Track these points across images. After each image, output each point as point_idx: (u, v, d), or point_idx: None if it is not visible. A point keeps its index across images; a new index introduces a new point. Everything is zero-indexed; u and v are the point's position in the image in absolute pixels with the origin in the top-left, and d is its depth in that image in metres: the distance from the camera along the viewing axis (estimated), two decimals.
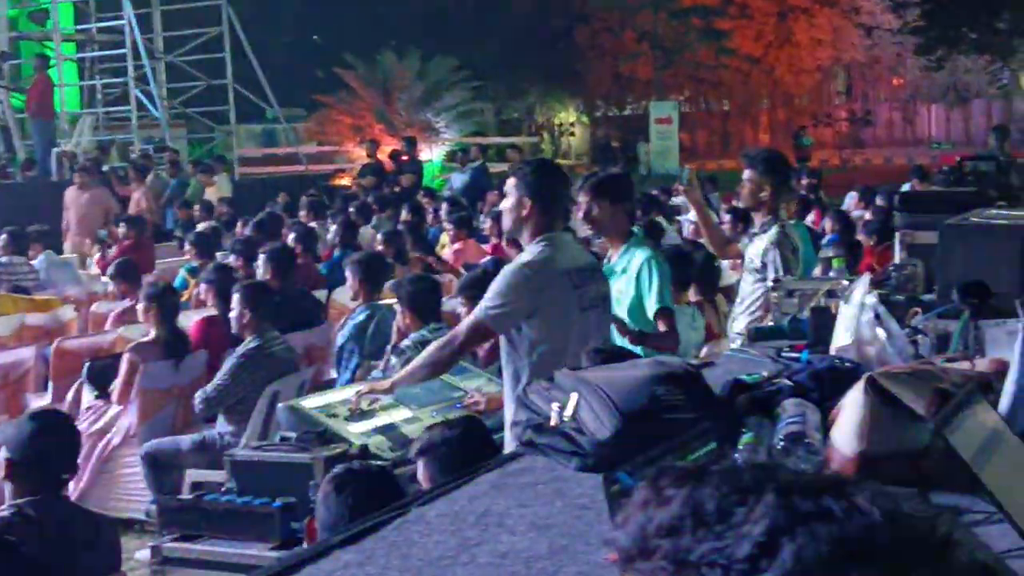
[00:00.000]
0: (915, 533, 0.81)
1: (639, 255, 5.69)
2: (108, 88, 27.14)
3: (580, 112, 45.77)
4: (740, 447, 2.56)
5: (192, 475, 6.33)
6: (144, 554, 6.80)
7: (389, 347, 6.65)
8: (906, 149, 39.01)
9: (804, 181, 16.10)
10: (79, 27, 27.59)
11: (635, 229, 6.14)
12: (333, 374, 7.69)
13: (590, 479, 2.59)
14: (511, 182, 5.05)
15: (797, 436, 2.56)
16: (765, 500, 0.82)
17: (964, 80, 38.02)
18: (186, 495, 4.98)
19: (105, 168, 19.97)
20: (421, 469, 3.69)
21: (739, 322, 6.33)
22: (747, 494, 0.83)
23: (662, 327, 5.57)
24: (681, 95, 41.83)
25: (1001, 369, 2.69)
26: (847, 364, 3.01)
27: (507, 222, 5.09)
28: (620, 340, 5.32)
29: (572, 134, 44.99)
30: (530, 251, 4.90)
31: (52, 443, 3.95)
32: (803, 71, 41.20)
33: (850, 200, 14.35)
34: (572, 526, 2.37)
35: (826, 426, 2.62)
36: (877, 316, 3.16)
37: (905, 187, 16.96)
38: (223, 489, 4.74)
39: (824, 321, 3.71)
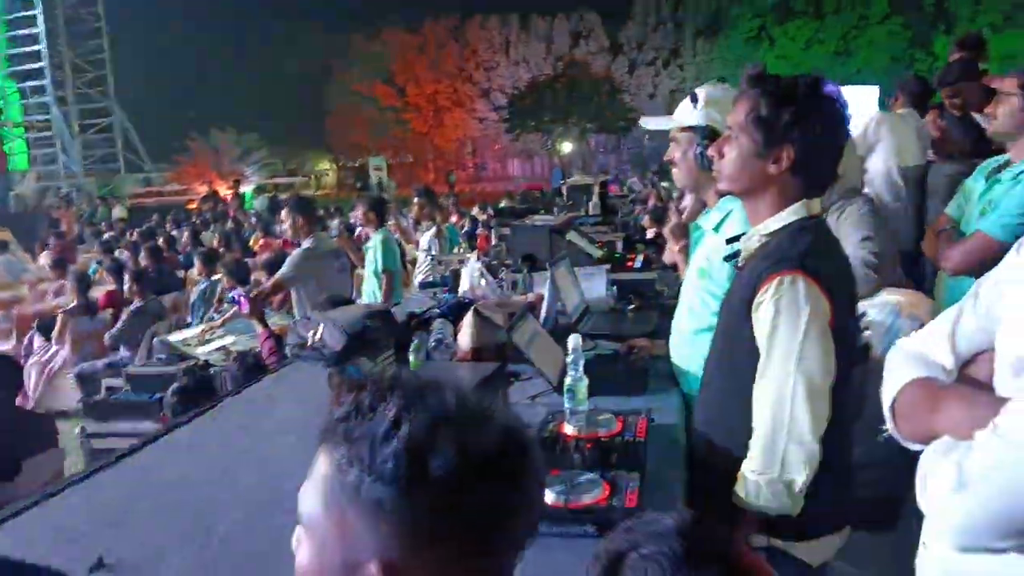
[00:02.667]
0: (472, 405, 0.81)
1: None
2: (45, 155, 24.31)
3: (331, 162, 44.38)
4: (411, 349, 2.55)
5: (105, 382, 5.80)
6: (76, 431, 6.25)
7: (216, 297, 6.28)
8: (503, 182, 40.03)
9: (451, 201, 16.27)
10: (25, 119, 24.62)
11: None
12: (189, 319, 7.16)
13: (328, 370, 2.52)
14: (285, 211, 4.85)
15: (440, 340, 2.58)
16: (395, 396, 0.80)
17: (529, 146, 39.31)
18: (101, 395, 4.50)
19: (47, 202, 17.91)
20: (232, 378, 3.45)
21: (415, 276, 6.33)
22: (386, 392, 0.81)
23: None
24: (386, 154, 41.26)
25: (540, 300, 2.79)
26: (467, 300, 3.04)
27: (289, 232, 4.87)
28: None
29: (327, 175, 43.59)
30: (306, 243, 4.74)
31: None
32: (449, 140, 41.43)
33: (476, 210, 14.45)
34: (320, 399, 2.29)
35: (455, 333, 2.65)
36: (481, 273, 3.21)
37: (502, 203, 17.43)
38: (123, 391, 4.33)
39: (455, 276, 3.75)
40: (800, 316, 1.41)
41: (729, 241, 1.72)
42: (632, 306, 3.02)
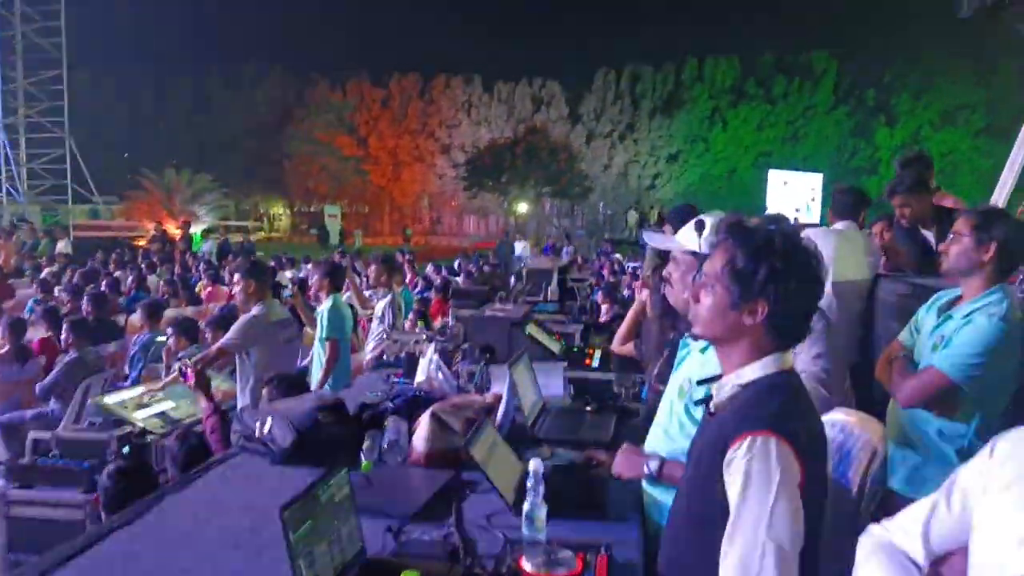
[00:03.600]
0: None
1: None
2: None
3: (286, 207, 44.05)
4: (364, 448, 2.46)
5: (32, 435, 5.48)
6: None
7: (165, 358, 6.04)
8: (458, 238, 40.28)
9: (408, 257, 16.21)
10: None
11: None
12: (127, 371, 6.88)
13: (278, 469, 2.42)
14: (237, 276, 4.73)
15: (394, 441, 2.50)
16: None
17: (486, 204, 39.70)
18: (27, 458, 4.24)
19: None
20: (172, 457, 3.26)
21: (369, 344, 6.22)
22: None
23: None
24: (343, 202, 41.18)
25: (497, 400, 2.74)
26: (422, 394, 2.97)
27: (240, 296, 4.73)
28: None
29: (280, 219, 43.21)
30: (255, 309, 4.62)
31: None
32: (407, 194, 41.62)
33: (430, 270, 14.38)
34: (268, 505, 2.18)
35: (411, 432, 2.58)
36: (438, 366, 3.15)
37: (456, 262, 17.40)
38: (51, 455, 4.09)
39: (411, 361, 3.67)
40: (771, 480, 1.40)
41: (700, 382, 1.71)
42: (589, 408, 3.00)
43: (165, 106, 38.92)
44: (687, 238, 2.20)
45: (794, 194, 28.08)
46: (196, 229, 23.69)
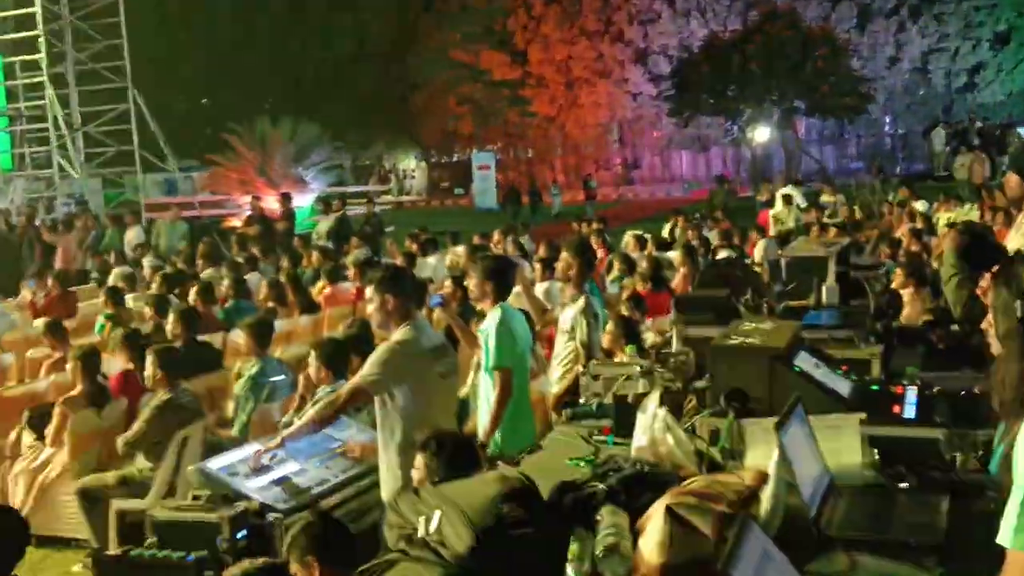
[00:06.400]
0: None
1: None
2: (35, 154, 26.32)
3: (418, 159, 45.79)
4: (570, 557, 2.52)
5: (116, 504, 6.12)
6: (78, 568, 6.60)
7: (295, 398, 6.50)
8: (664, 186, 40.08)
9: (595, 226, 16.32)
10: (10, 105, 26.65)
11: None
12: (232, 412, 7.45)
13: None
14: (370, 288, 4.98)
15: (612, 547, 2.53)
16: None
17: (705, 133, 39.15)
18: (115, 545, 4.71)
19: (37, 221, 19.30)
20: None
21: (554, 372, 6.36)
22: None
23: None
24: (496, 146, 42.13)
25: (762, 481, 2.70)
26: (646, 468, 2.99)
27: (377, 318, 4.98)
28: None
29: (413, 177, 45.04)
30: (400, 333, 4.84)
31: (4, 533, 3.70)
32: (586, 127, 41.89)
33: (629, 242, 14.36)
34: None
35: (634, 531, 2.60)
36: (666, 424, 3.16)
37: (665, 229, 17.31)
38: (146, 544, 4.52)
39: (624, 409, 3.70)
40: None
41: None
42: (904, 484, 2.90)
43: (248, 35, 41.26)
44: None
45: None
46: (302, 202, 25.22)
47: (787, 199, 18.01)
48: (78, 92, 26.54)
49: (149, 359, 6.79)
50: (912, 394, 3.39)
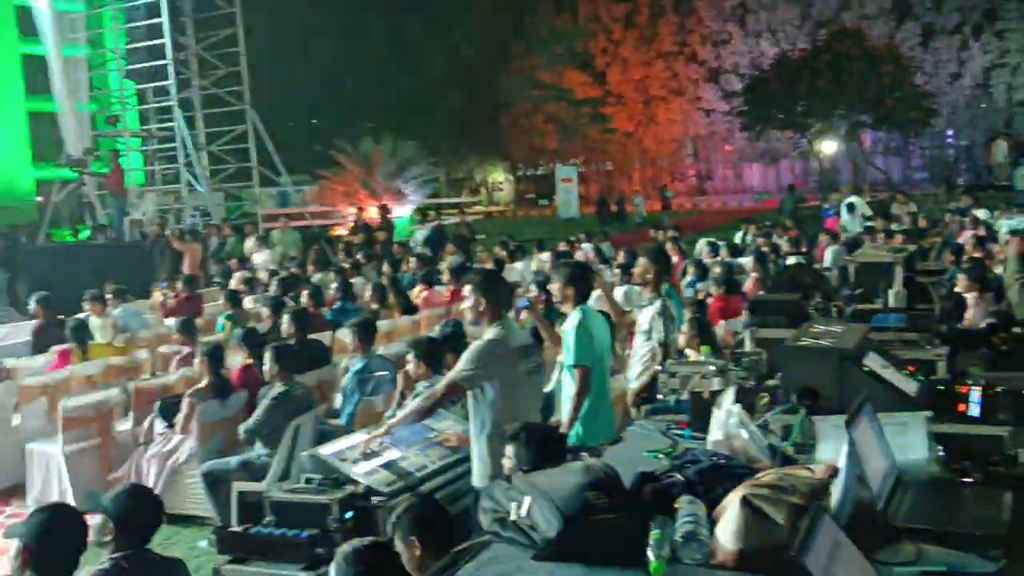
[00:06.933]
0: None
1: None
2: (165, 171, 27.11)
3: (506, 172, 45.94)
4: (651, 542, 2.50)
5: (237, 486, 6.23)
6: (204, 544, 6.76)
7: (396, 392, 6.59)
8: (736, 196, 39.57)
9: (671, 234, 16.16)
10: (143, 127, 27.53)
11: None
12: (338, 404, 7.57)
13: (540, 567, 2.54)
14: (468, 287, 5.02)
15: (691, 534, 2.51)
16: None
17: (775, 147, 38.55)
18: (237, 524, 4.83)
19: (166, 231, 19.87)
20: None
21: (632, 369, 6.33)
22: None
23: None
24: (577, 160, 42.05)
25: (833, 474, 2.65)
26: (722, 461, 2.95)
27: (471, 316, 5.04)
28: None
29: (501, 189, 45.22)
30: (491, 333, 4.88)
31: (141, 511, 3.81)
32: (663, 141, 41.62)
33: (703, 249, 14.22)
34: None
35: (711, 520, 2.57)
36: (741, 420, 3.12)
37: (737, 236, 17.07)
38: (264, 522, 4.62)
39: (700, 405, 3.67)
40: None
41: None
42: (969, 479, 2.81)
43: (353, 61, 41.93)
44: None
45: None
46: (401, 212, 25.54)
47: (851, 207, 17.64)
48: (203, 115, 27.32)
49: (266, 355, 6.95)
50: (976, 393, 3.30)
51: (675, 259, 12.39)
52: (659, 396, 4.26)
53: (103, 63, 27.64)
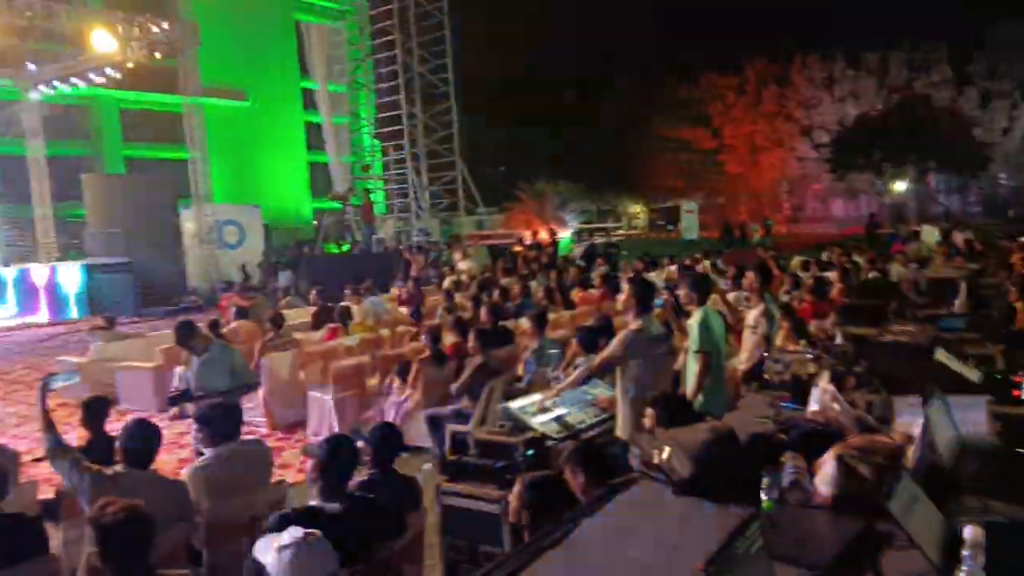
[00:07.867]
0: None
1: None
2: (400, 204, 28.18)
3: (642, 205, 45.29)
4: (763, 486, 2.44)
5: (450, 427, 6.38)
6: (428, 467, 6.96)
7: (562, 365, 6.61)
8: (823, 224, 37.49)
9: (771, 253, 15.52)
10: (385, 173, 28.76)
11: None
12: (521, 373, 7.64)
13: (679, 501, 2.51)
14: (626, 288, 5.01)
15: (795, 482, 2.44)
16: None
17: (855, 185, 36.33)
18: (452, 454, 4.97)
19: (401, 246, 20.69)
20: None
21: (741, 355, 6.13)
22: None
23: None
24: (697, 195, 40.93)
25: (908, 441, 2.51)
26: (818, 428, 2.84)
27: (623, 307, 5.03)
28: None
29: (638, 217, 44.52)
30: (635, 323, 4.84)
31: (391, 440, 3.99)
32: (765, 181, 39.94)
33: (796, 264, 13.59)
34: (678, 540, 2.27)
35: (811, 472, 2.48)
36: (834, 396, 2.99)
37: (824, 255, 16.19)
38: (470, 454, 4.74)
39: (799, 384, 3.54)
40: None
41: None
42: (1021, 450, 2.60)
43: (531, 121, 42.31)
44: None
45: None
46: (564, 234, 25.59)
47: (917, 234, 16.43)
48: (426, 164, 28.27)
49: (471, 336, 7.12)
50: None
51: (775, 273, 11.98)
52: (765, 376, 4.12)
53: (359, 128, 29.04)
